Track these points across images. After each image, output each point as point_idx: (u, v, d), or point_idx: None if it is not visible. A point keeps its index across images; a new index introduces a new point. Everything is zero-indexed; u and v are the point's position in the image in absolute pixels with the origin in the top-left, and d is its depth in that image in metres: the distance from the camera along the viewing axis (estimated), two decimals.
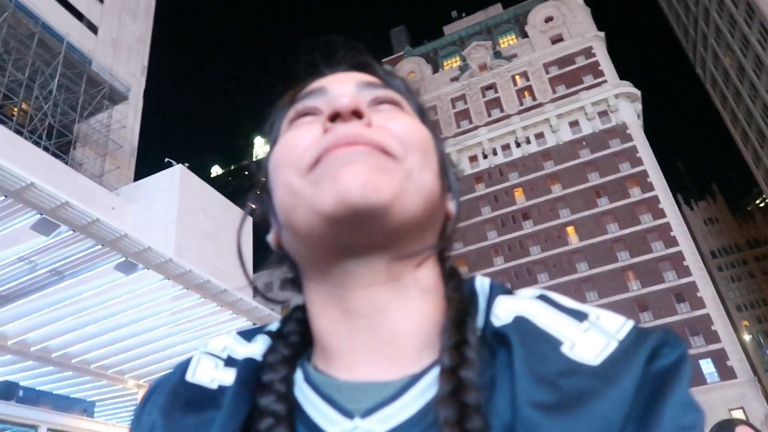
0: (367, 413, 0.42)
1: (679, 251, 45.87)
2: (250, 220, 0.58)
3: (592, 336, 0.41)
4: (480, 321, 0.46)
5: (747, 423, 2.07)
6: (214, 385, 0.48)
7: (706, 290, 44.28)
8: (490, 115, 59.06)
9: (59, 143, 21.58)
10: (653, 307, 44.73)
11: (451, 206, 0.53)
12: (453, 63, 65.41)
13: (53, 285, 10.38)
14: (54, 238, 9.39)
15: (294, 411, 0.44)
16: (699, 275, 44.82)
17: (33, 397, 15.07)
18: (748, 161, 59.23)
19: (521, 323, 0.43)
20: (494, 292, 0.48)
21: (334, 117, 0.47)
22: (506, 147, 56.58)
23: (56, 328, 12.00)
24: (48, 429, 15.84)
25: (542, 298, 0.45)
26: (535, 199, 52.93)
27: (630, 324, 0.42)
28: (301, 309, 0.53)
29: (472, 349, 0.42)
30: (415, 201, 0.45)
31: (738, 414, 39.86)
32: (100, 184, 21.93)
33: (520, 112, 57.59)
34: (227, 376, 0.48)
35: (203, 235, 23.62)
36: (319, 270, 0.48)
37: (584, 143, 53.38)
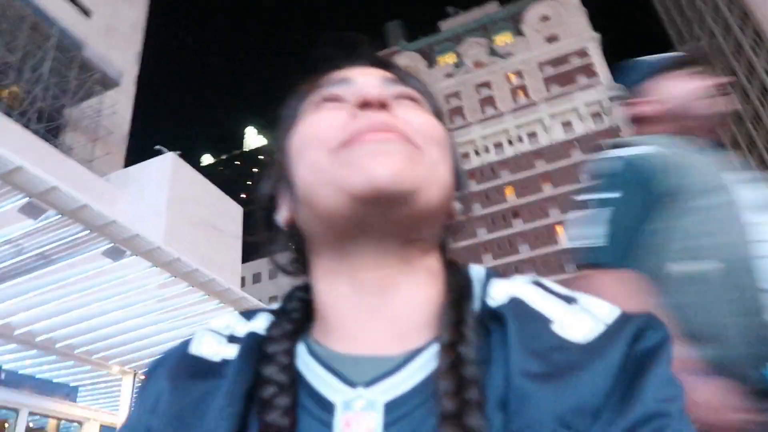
0: (369, 383, 0.43)
1: None
2: (239, 214, 0.59)
3: (581, 318, 0.44)
4: (476, 303, 0.48)
5: None
6: (217, 359, 0.49)
7: None
8: (483, 113, 59.20)
9: (49, 127, 21.44)
10: None
11: (455, 206, 0.56)
12: (448, 59, 65.42)
13: (40, 269, 10.33)
14: (41, 222, 9.34)
15: (297, 381, 0.45)
16: None
17: (15, 380, 14.98)
18: None
19: (515, 303, 0.45)
20: (489, 276, 0.50)
21: (363, 105, 0.49)
22: (499, 145, 56.75)
23: (41, 312, 11.94)
24: (30, 412, 15.76)
25: (536, 283, 0.48)
26: (526, 197, 53.16)
27: (617, 310, 0.44)
28: (302, 289, 0.55)
29: (469, 327, 0.44)
30: (436, 192, 0.48)
31: None
32: (90, 170, 21.78)
33: (513, 111, 57.76)
34: (230, 351, 0.49)
35: (194, 224, 23.49)
36: (333, 248, 0.49)
37: (576, 144, 53.63)
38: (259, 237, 0.58)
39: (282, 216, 0.55)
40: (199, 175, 25.63)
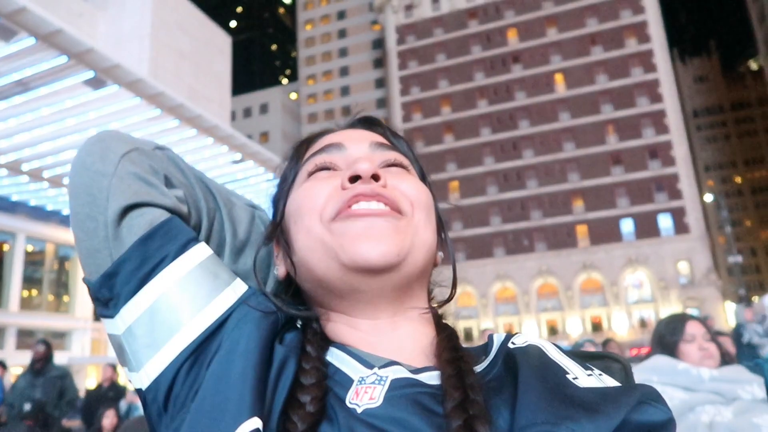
0: (384, 366, 0.49)
1: (662, 109, 45.78)
2: (227, 44, 0.59)
3: (592, 380, 0.46)
4: (493, 351, 0.53)
5: (697, 318, 2.13)
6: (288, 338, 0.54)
7: (681, 149, 45.09)
8: None
9: None
10: (626, 162, 45.74)
11: (438, 256, 0.59)
12: None
13: (18, 95, 9.99)
14: (15, 46, 8.84)
15: (326, 375, 0.50)
16: (677, 134, 45.31)
17: (8, 206, 15.30)
18: (752, 18, 56.87)
19: (533, 349, 0.50)
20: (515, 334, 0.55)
21: (354, 179, 0.53)
22: None
23: (26, 139, 11.80)
24: (26, 237, 16.35)
25: (557, 345, 0.53)
26: (528, 41, 50.94)
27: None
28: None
29: (466, 354, 0.50)
30: (420, 255, 0.53)
31: (683, 265, 43.02)
32: None
33: None
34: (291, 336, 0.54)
35: (180, 53, 22.44)
36: (329, 303, 0.54)
37: None
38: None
39: (279, 271, 0.59)
40: None
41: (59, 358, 6.44)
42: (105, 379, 7.43)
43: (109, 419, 5.11)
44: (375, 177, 0.53)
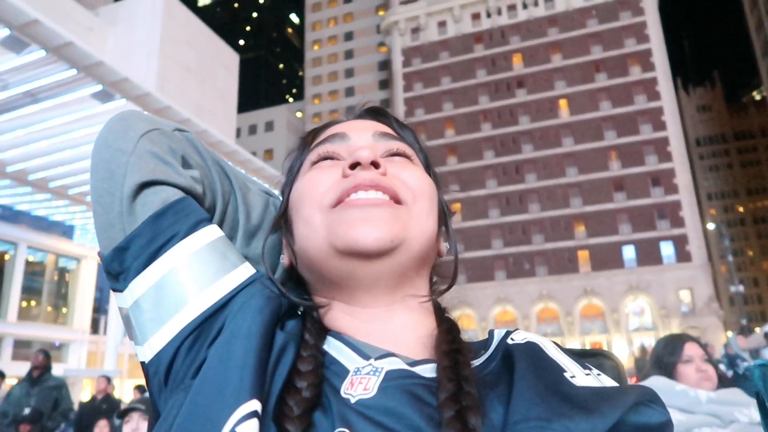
0: (380, 358, 0.49)
1: (665, 136, 45.95)
2: (234, 61, 0.60)
3: (590, 380, 0.46)
4: (493, 346, 0.53)
5: (695, 339, 2.13)
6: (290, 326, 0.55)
7: (683, 177, 45.15)
8: None
9: None
10: (628, 189, 45.78)
11: (443, 247, 0.60)
12: None
13: (27, 106, 10.09)
14: (25, 57, 8.96)
15: (323, 363, 0.50)
16: (679, 162, 45.40)
17: (10, 216, 15.35)
18: (756, 50, 57.41)
19: (531, 346, 0.50)
20: (516, 330, 0.55)
21: (355, 166, 0.54)
22: (512, 7, 53.58)
23: (32, 150, 11.88)
24: (28, 247, 16.38)
25: (556, 343, 0.53)
26: (533, 67, 51.37)
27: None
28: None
29: (465, 346, 0.51)
30: (417, 243, 0.53)
31: (685, 293, 42.79)
32: (77, 1, 20.51)
33: None
34: (292, 323, 0.55)
35: (187, 68, 22.68)
36: (328, 291, 0.55)
37: (594, 12, 50.75)
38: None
39: (285, 260, 0.61)
40: (192, 15, 24.26)
41: (55, 370, 6.40)
42: (99, 391, 7.37)
43: (100, 429, 5.06)
44: (375, 165, 0.54)
